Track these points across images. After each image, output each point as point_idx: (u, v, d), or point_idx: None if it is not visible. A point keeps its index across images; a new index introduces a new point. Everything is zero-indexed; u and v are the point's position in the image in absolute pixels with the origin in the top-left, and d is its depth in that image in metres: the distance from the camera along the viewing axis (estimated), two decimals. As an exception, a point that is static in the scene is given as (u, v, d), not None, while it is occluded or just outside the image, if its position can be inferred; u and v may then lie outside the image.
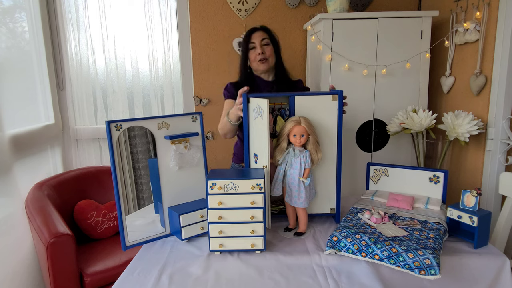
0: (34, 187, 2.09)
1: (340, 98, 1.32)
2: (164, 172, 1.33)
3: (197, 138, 1.39)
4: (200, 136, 1.40)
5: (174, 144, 1.32)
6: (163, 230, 1.35)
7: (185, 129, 1.37)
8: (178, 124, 1.35)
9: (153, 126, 1.29)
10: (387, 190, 1.51)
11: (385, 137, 2.22)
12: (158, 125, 1.29)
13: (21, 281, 1.84)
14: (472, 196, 1.21)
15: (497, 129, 1.80)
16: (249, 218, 1.16)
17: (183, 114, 1.37)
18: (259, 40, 1.70)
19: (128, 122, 1.23)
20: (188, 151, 1.36)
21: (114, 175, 1.20)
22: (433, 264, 1.01)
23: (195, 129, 1.39)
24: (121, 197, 1.23)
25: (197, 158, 1.39)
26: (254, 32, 1.73)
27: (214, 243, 1.18)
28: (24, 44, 2.21)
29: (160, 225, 1.36)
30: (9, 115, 1.89)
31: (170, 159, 1.33)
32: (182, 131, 1.36)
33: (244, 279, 1.07)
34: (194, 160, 1.38)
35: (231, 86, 1.77)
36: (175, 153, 1.32)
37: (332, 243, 1.16)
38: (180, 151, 1.33)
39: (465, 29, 1.92)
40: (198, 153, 1.39)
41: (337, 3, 2.14)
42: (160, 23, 2.50)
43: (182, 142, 1.34)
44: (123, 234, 1.25)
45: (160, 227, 1.36)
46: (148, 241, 1.31)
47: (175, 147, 1.32)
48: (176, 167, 1.34)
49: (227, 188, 1.14)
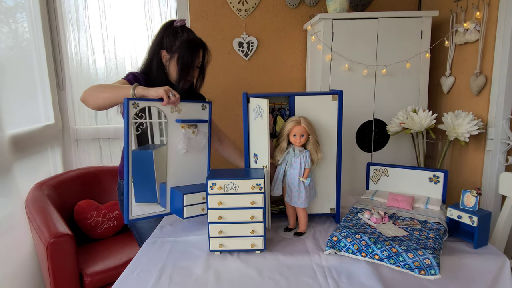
0: (34, 187, 2.09)
1: (340, 98, 1.32)
2: (172, 153, 1.41)
3: (204, 125, 1.49)
4: (208, 123, 1.49)
5: (184, 128, 1.41)
6: (163, 209, 1.43)
7: (195, 115, 1.46)
8: (189, 110, 1.44)
9: (166, 109, 1.38)
10: (387, 190, 1.51)
11: (385, 137, 2.22)
12: (171, 108, 1.39)
13: (21, 281, 1.84)
14: (472, 196, 1.21)
15: (497, 129, 1.80)
16: (249, 218, 1.16)
17: (194, 101, 1.46)
18: (199, 60, 1.55)
19: (145, 101, 1.32)
20: (195, 136, 1.45)
21: (126, 146, 1.29)
22: (433, 264, 1.01)
23: (204, 116, 1.49)
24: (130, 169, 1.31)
25: (203, 144, 1.48)
26: (205, 49, 1.56)
27: (214, 243, 1.18)
28: (25, 44, 2.21)
29: (160, 205, 1.44)
30: (9, 115, 1.89)
31: (179, 142, 1.42)
32: (192, 117, 1.45)
33: (244, 279, 1.07)
34: (200, 146, 1.47)
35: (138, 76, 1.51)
36: (184, 136, 1.42)
37: (332, 243, 1.16)
38: (188, 135, 1.43)
39: (465, 29, 1.92)
40: (204, 139, 1.48)
41: (337, 3, 2.14)
42: (160, 23, 2.50)
43: (191, 127, 1.44)
44: (127, 208, 1.32)
45: (160, 207, 1.43)
46: (150, 217, 1.40)
47: (184, 131, 1.42)
48: (184, 150, 1.43)
49: (227, 188, 1.14)
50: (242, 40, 2.54)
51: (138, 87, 1.31)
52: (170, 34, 1.52)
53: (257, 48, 2.56)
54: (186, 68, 1.50)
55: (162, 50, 1.53)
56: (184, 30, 1.53)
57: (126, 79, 1.48)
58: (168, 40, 1.52)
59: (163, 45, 1.53)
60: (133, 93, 1.30)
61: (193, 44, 1.51)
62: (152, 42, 1.56)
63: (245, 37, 2.53)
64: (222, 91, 2.62)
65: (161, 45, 1.53)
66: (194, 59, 1.52)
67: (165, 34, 1.53)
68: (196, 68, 1.56)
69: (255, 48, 2.56)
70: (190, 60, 1.50)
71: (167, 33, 1.53)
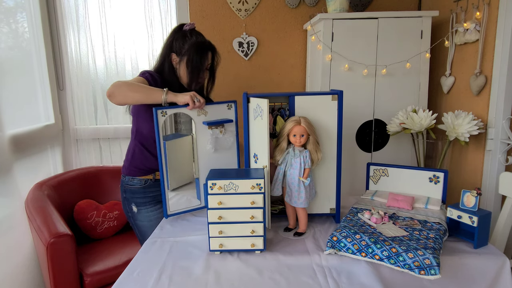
0: (34, 187, 2.09)
1: (340, 98, 1.32)
2: (201, 153, 1.49)
3: (231, 124, 1.53)
4: (234, 122, 1.54)
5: (211, 129, 1.47)
6: (198, 203, 1.54)
7: (221, 115, 1.51)
8: (215, 111, 1.49)
9: (193, 113, 1.44)
10: (387, 190, 1.51)
11: (385, 137, 2.22)
12: (197, 112, 1.45)
13: (21, 281, 1.84)
14: (472, 196, 1.21)
15: (497, 129, 1.79)
16: (249, 218, 1.16)
17: (220, 102, 1.51)
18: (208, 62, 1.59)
19: (172, 109, 1.40)
20: (223, 135, 1.51)
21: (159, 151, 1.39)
22: (433, 264, 1.01)
23: (230, 116, 1.53)
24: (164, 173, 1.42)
25: (230, 142, 1.53)
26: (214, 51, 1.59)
27: (214, 243, 1.18)
28: (25, 44, 2.21)
29: (197, 198, 1.54)
30: (9, 115, 1.89)
31: (207, 142, 1.48)
32: (219, 117, 1.50)
33: (244, 279, 1.07)
34: (228, 144, 1.53)
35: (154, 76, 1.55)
36: (212, 137, 1.48)
37: (332, 243, 1.16)
38: (216, 135, 1.49)
39: (465, 29, 1.92)
40: (231, 137, 1.53)
41: (337, 3, 2.14)
42: (160, 23, 2.50)
43: (218, 127, 1.49)
44: (165, 205, 1.45)
45: (196, 200, 1.54)
46: (187, 211, 1.50)
47: (211, 131, 1.48)
48: (212, 150, 1.50)
49: (227, 188, 1.14)
50: (242, 40, 2.54)
51: (169, 93, 1.37)
52: (180, 37, 1.55)
53: (257, 48, 2.56)
54: (196, 70, 1.54)
55: (172, 53, 1.56)
56: (193, 33, 1.56)
57: (143, 77, 1.51)
58: (178, 44, 1.55)
59: (173, 48, 1.56)
60: (165, 98, 1.36)
61: (201, 46, 1.54)
62: (163, 46, 1.60)
63: (245, 37, 2.53)
64: (222, 91, 2.62)
65: (171, 48, 1.56)
66: (203, 62, 1.55)
67: (174, 38, 1.56)
68: (205, 70, 1.60)
69: (255, 48, 2.56)
70: (199, 63, 1.53)
71: (176, 37, 1.56)
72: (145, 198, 1.63)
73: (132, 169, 1.62)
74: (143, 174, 1.61)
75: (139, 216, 1.64)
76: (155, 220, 1.61)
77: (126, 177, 1.64)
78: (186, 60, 1.53)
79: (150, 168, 1.61)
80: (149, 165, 1.60)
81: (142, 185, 1.62)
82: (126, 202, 1.66)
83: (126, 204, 1.66)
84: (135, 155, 1.61)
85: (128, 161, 1.64)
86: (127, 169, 1.63)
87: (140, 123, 1.57)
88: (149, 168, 1.61)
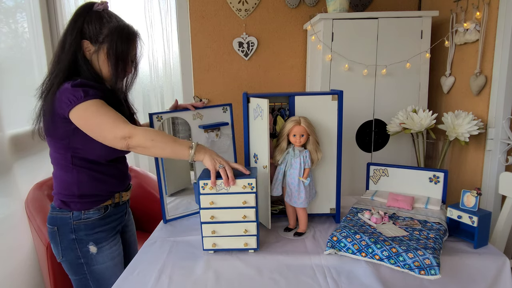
0: (34, 187, 2.09)
1: (340, 98, 1.32)
2: None
3: (227, 127, 1.52)
4: (230, 125, 1.53)
5: (207, 132, 1.47)
6: (197, 207, 1.50)
7: (217, 119, 1.51)
8: (211, 114, 1.49)
9: (188, 117, 1.44)
10: (387, 190, 1.51)
11: (385, 137, 2.22)
12: (193, 116, 1.44)
13: (21, 281, 1.84)
14: (472, 196, 1.21)
15: (497, 129, 1.79)
16: (242, 218, 1.16)
17: (215, 105, 1.50)
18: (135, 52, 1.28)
19: (167, 113, 1.40)
20: (219, 138, 1.50)
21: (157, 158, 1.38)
22: (433, 264, 1.01)
23: (225, 119, 1.53)
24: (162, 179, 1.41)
25: (227, 145, 1.52)
26: (137, 38, 1.28)
27: (207, 242, 1.18)
28: (25, 44, 2.21)
29: (195, 202, 1.53)
30: (9, 115, 1.89)
31: None
32: (214, 120, 1.50)
33: (243, 279, 1.07)
34: (224, 147, 1.52)
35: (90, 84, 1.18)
36: (208, 140, 1.48)
37: (332, 243, 1.16)
38: (212, 138, 1.49)
39: (465, 29, 1.92)
40: (228, 140, 1.53)
41: (337, 3, 2.14)
42: (160, 23, 2.50)
43: (214, 130, 1.49)
44: (164, 210, 1.43)
45: (195, 205, 1.53)
46: (184, 216, 1.48)
47: (207, 135, 1.47)
48: None
49: (218, 188, 1.14)
50: (242, 40, 2.54)
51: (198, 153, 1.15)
52: (94, 20, 1.19)
53: (257, 48, 2.56)
54: (122, 62, 1.22)
55: (84, 40, 1.20)
56: (111, 15, 1.24)
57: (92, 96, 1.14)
58: (92, 28, 1.19)
59: (86, 34, 1.19)
60: (193, 157, 1.14)
61: (127, 31, 1.22)
62: (66, 33, 1.20)
63: (245, 37, 2.53)
64: (222, 91, 2.63)
65: (81, 34, 1.19)
66: (130, 51, 1.24)
67: (86, 21, 1.19)
68: (130, 62, 1.28)
69: (255, 48, 2.56)
70: (125, 52, 1.22)
71: (88, 19, 1.19)
72: (107, 230, 1.30)
73: (83, 202, 1.26)
74: (102, 201, 1.29)
75: (99, 258, 1.29)
76: (118, 256, 1.34)
77: (75, 213, 1.25)
78: (106, 48, 1.19)
79: (111, 192, 1.31)
80: (109, 188, 1.30)
81: (101, 215, 1.28)
82: (78, 246, 1.26)
83: (76, 249, 1.26)
84: (84, 185, 1.24)
85: (72, 196, 1.25)
86: (76, 204, 1.25)
87: (80, 146, 1.20)
88: (110, 192, 1.31)
